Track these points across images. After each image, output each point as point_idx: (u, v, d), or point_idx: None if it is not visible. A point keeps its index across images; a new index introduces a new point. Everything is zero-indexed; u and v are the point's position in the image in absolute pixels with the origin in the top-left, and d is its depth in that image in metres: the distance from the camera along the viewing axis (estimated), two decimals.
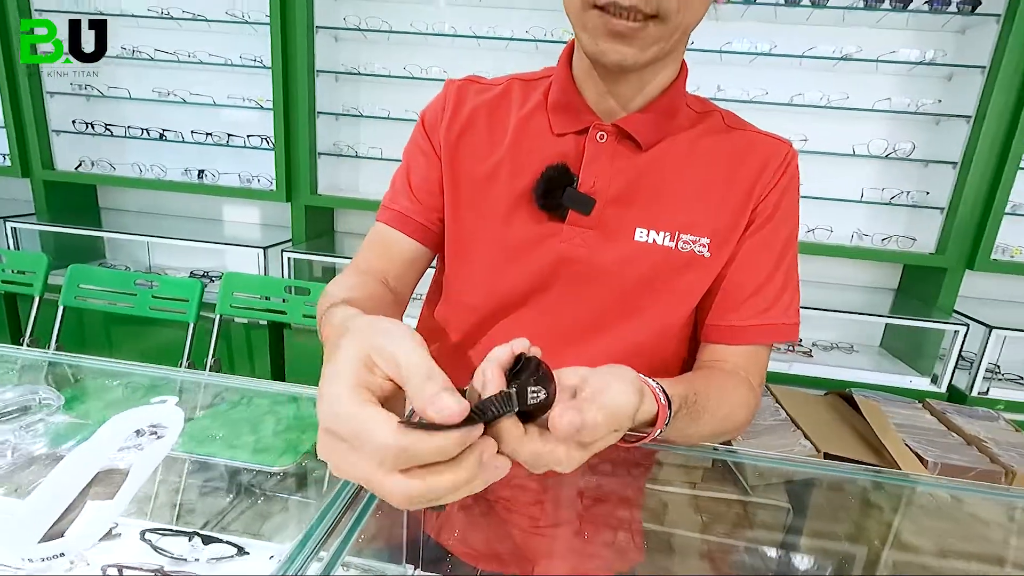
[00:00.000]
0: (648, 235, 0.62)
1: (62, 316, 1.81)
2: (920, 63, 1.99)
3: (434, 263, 0.77)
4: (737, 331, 0.64)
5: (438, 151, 0.66)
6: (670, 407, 0.45)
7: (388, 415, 0.29)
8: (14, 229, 2.28)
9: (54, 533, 0.48)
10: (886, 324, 2.34)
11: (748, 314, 0.64)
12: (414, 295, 0.73)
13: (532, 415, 0.36)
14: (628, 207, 0.62)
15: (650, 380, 0.45)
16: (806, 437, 1.55)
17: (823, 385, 2.00)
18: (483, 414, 0.31)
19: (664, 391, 0.45)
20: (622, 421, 0.37)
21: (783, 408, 1.73)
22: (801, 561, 0.78)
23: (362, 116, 2.33)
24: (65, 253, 2.34)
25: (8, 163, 2.35)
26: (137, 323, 2.16)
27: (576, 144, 0.63)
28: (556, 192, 0.61)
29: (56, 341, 1.81)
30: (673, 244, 0.62)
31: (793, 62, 2.05)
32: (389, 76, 2.25)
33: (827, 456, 1.48)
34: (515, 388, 0.33)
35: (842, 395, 1.85)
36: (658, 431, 0.45)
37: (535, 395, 0.34)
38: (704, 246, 0.62)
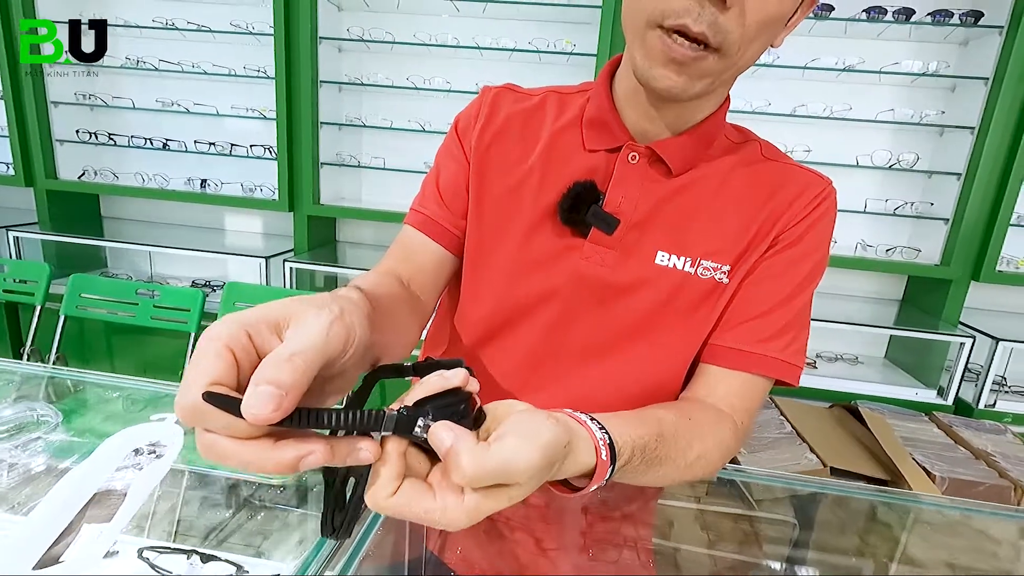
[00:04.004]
0: (669, 259, 0.61)
1: (63, 325, 1.80)
2: (923, 74, 1.99)
3: None
4: (729, 354, 0.61)
5: (468, 156, 0.65)
6: (614, 461, 0.41)
7: (213, 375, 0.28)
8: (16, 238, 2.28)
9: (50, 557, 0.46)
10: (891, 336, 2.32)
11: (745, 338, 0.60)
12: None
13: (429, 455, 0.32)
14: (651, 230, 0.61)
15: (597, 430, 0.41)
16: (812, 451, 1.53)
17: (828, 397, 1.97)
18: (308, 420, 0.28)
19: (611, 443, 0.41)
20: (513, 476, 0.33)
21: (788, 421, 1.71)
22: None
23: (365, 126, 2.33)
24: (67, 262, 2.34)
25: (11, 172, 2.35)
26: (138, 333, 2.15)
27: (607, 162, 0.61)
28: (581, 208, 0.60)
29: (56, 351, 1.81)
30: (693, 270, 0.60)
31: (796, 73, 2.05)
32: (392, 87, 2.25)
33: (834, 471, 1.47)
34: (374, 411, 0.30)
35: (847, 407, 1.84)
36: (594, 486, 0.40)
37: (423, 428, 0.30)
38: (725, 273, 0.60)
